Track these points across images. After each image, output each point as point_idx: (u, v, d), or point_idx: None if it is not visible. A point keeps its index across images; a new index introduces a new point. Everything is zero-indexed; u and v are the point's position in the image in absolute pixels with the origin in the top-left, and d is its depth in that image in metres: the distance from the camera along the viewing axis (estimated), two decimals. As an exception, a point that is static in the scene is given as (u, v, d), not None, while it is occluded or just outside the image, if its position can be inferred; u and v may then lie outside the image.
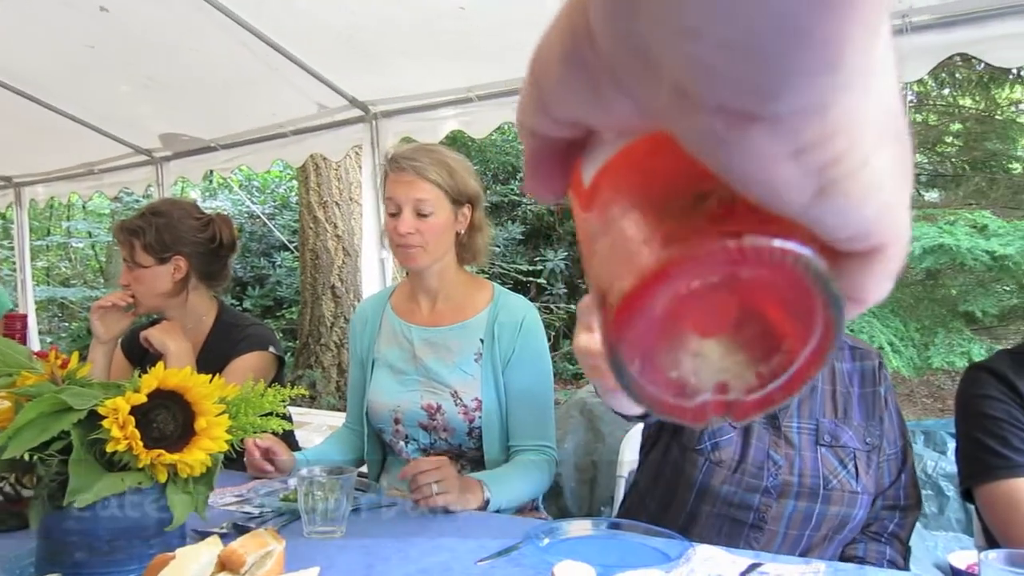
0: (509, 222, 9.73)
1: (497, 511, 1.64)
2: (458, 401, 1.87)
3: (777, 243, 0.23)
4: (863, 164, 0.22)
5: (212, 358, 2.14)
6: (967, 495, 1.56)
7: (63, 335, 11.48)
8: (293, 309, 9.52)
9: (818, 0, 0.18)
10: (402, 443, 1.94)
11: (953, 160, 8.30)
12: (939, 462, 3.25)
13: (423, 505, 1.52)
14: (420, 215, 1.85)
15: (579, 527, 1.42)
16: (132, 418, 1.11)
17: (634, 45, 0.22)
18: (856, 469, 1.55)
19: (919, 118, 8.02)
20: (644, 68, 0.22)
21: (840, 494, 1.53)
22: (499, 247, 9.36)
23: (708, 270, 0.24)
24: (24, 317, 2.26)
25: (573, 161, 0.29)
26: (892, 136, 0.23)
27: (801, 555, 1.53)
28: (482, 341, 1.89)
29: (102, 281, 12.27)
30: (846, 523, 1.55)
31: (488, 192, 9.74)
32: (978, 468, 1.50)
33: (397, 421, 1.92)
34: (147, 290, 2.18)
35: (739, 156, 0.22)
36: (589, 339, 0.78)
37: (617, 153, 0.27)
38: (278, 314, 9.91)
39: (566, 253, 9.25)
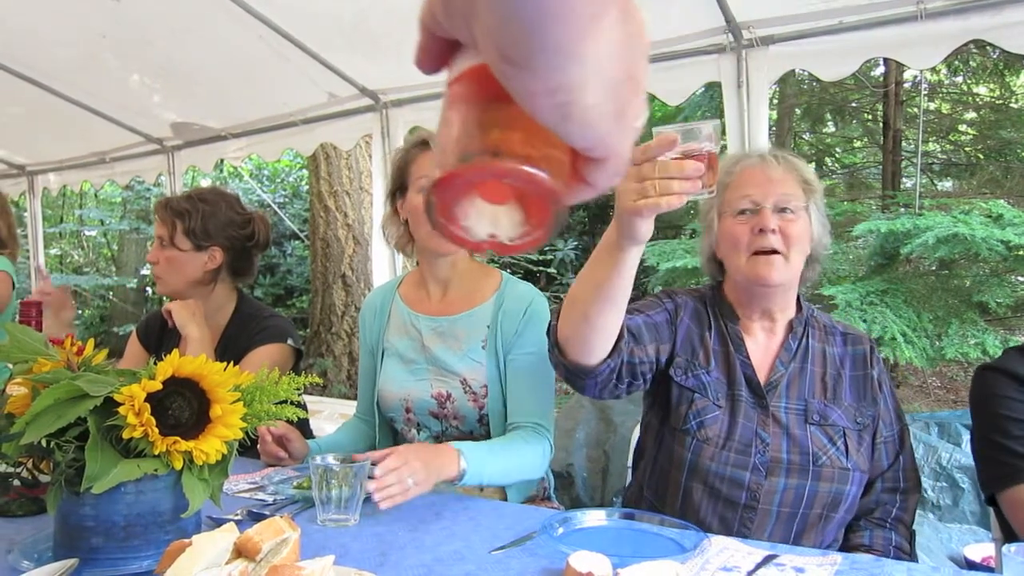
0: (519, 211, 9.70)
1: (480, 488, 1.60)
2: (467, 389, 1.87)
3: (522, 167, 0.38)
4: (588, 107, 0.36)
5: (230, 348, 2.14)
6: (990, 500, 1.54)
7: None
8: (304, 298, 9.55)
9: (544, 9, 0.32)
10: (414, 431, 1.94)
11: (967, 149, 8.23)
12: (953, 454, 3.23)
13: (390, 505, 1.42)
14: None
15: (594, 517, 1.42)
16: (148, 405, 1.11)
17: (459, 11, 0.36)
18: (846, 446, 1.56)
19: (932, 106, 7.95)
20: (469, 21, 0.36)
21: (830, 470, 1.54)
22: (509, 236, 9.34)
23: (482, 176, 0.40)
24: (39, 304, 2.27)
25: (450, 53, 0.41)
26: (611, 92, 0.37)
27: (797, 535, 1.55)
28: (488, 328, 1.89)
29: (114, 269, 12.32)
30: (839, 501, 1.55)
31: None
32: (1001, 472, 1.48)
33: (408, 410, 1.93)
34: (175, 273, 2.19)
35: (517, 88, 0.36)
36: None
37: (468, 69, 0.40)
38: (289, 303, 9.95)
39: (576, 243, 9.23)
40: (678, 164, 1.14)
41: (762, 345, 1.67)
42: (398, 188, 1.97)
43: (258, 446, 1.78)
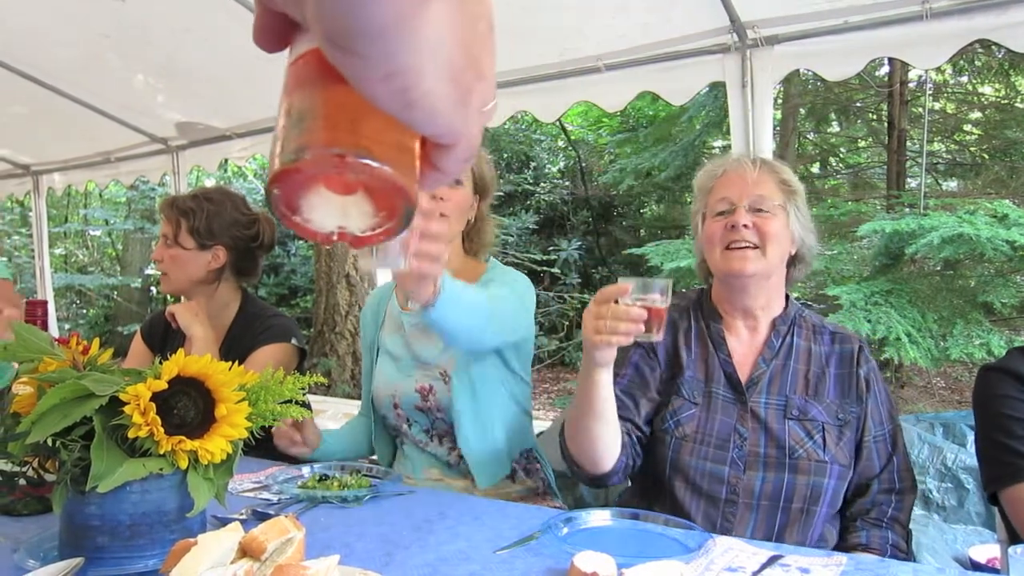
0: (523, 211, 9.70)
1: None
2: (447, 379, 1.89)
3: (363, 160, 0.36)
4: (428, 94, 0.35)
5: (235, 348, 2.14)
6: (992, 499, 1.53)
7: (81, 322, 11.58)
8: (308, 297, 9.55)
9: None
10: (405, 425, 1.97)
11: (972, 149, 8.21)
12: (959, 454, 3.22)
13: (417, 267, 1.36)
14: (452, 185, 1.85)
15: (599, 517, 1.42)
16: (153, 404, 1.11)
17: None
18: (824, 440, 1.59)
19: (937, 106, 7.93)
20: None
21: (807, 463, 1.57)
22: (512, 236, 9.36)
23: (323, 170, 0.37)
24: (44, 304, 2.27)
25: (292, 31, 0.39)
26: (452, 77, 0.35)
27: (780, 530, 1.57)
28: None
29: (118, 268, 12.35)
30: (818, 494, 1.57)
31: (502, 181, 9.70)
32: (1003, 471, 1.48)
33: (396, 406, 1.96)
34: (180, 271, 2.20)
35: (351, 75, 0.34)
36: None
37: (307, 51, 0.38)
38: (293, 302, 9.96)
39: (580, 243, 9.23)
40: (626, 309, 1.36)
41: (745, 343, 1.72)
42: None
43: (272, 429, 1.78)
